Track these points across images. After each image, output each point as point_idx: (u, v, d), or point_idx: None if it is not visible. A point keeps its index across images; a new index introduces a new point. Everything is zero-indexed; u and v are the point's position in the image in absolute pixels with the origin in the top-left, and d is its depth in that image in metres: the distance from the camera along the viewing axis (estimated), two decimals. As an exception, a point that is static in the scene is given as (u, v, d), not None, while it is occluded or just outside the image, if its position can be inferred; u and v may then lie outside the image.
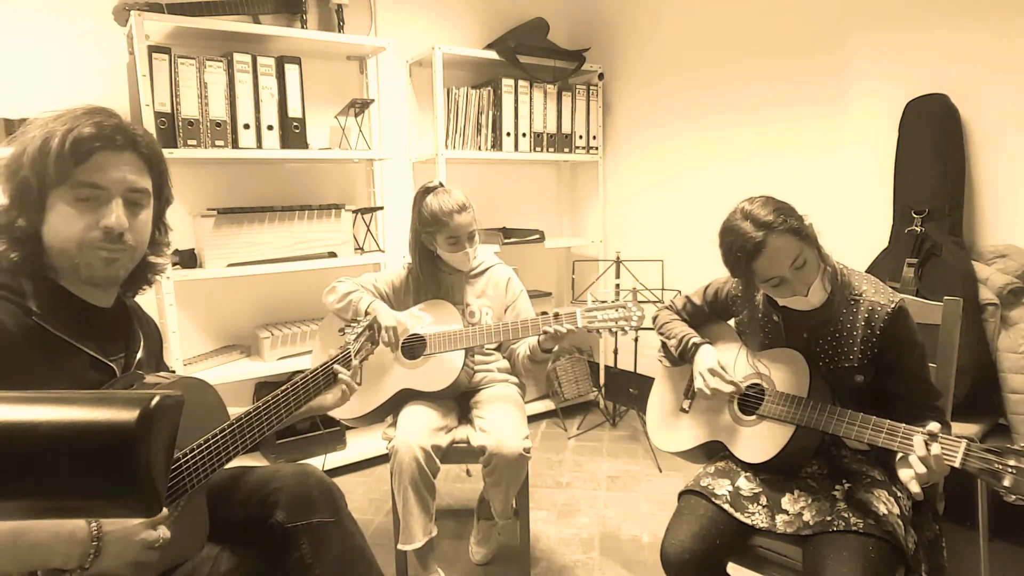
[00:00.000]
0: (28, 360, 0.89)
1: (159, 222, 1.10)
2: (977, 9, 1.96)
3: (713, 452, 1.48)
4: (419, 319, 1.83)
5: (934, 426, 1.11)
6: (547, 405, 3.20)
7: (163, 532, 0.89)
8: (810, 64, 2.41)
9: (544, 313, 1.67)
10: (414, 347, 1.81)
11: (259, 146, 2.38)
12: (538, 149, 3.11)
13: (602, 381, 3.39)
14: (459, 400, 1.89)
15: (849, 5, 2.27)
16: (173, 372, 1.28)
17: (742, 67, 2.66)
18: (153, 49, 2.15)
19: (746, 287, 1.39)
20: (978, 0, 1.96)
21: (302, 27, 2.56)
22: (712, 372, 1.42)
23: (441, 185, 1.85)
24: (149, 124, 2.14)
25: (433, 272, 1.90)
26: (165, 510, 0.91)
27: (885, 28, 2.18)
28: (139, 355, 1.09)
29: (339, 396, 1.35)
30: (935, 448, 1.08)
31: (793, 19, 2.46)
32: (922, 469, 1.08)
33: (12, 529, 0.77)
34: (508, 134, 3.00)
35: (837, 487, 1.29)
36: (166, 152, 2.13)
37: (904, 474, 1.12)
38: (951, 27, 2.02)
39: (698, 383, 1.45)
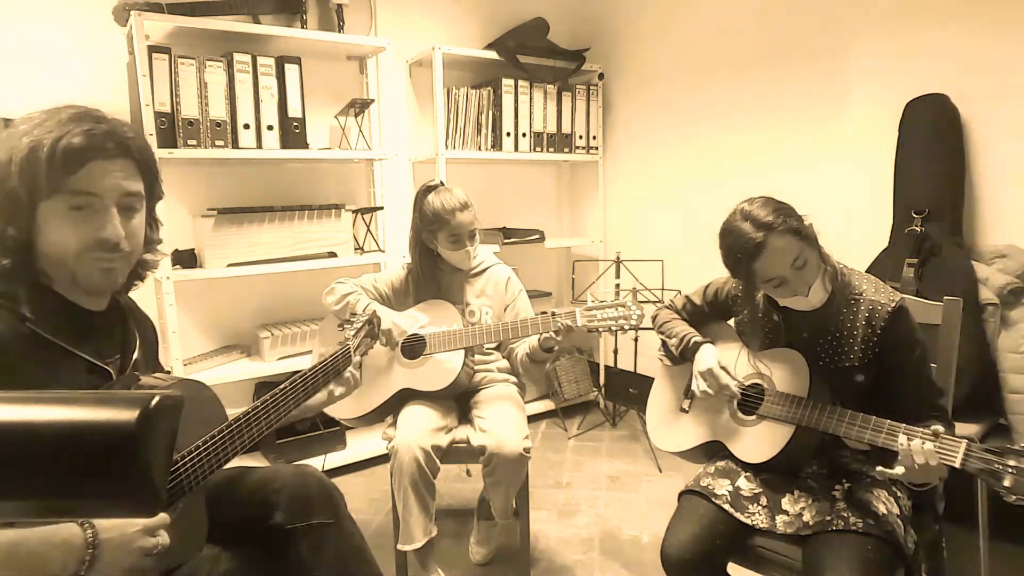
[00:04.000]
0: (23, 367, 0.88)
1: (150, 218, 1.07)
2: (977, 9, 1.96)
3: (713, 452, 1.48)
4: (418, 319, 1.83)
5: (937, 428, 1.10)
6: (547, 405, 3.20)
7: (163, 539, 0.88)
8: (810, 63, 2.41)
9: (544, 313, 1.67)
10: (414, 347, 1.81)
11: (259, 146, 2.38)
12: (538, 149, 3.11)
13: (602, 381, 3.39)
14: (459, 400, 1.89)
15: (849, 5, 2.27)
16: (169, 372, 1.28)
17: (742, 67, 2.66)
18: (153, 49, 2.15)
19: (746, 287, 1.38)
20: (978, 1, 1.96)
21: (302, 27, 2.56)
22: (709, 373, 1.42)
23: (442, 184, 1.85)
24: (149, 124, 2.13)
25: (433, 271, 1.90)
26: (165, 516, 0.90)
27: (885, 28, 2.18)
28: (135, 356, 1.07)
29: (326, 396, 1.33)
30: (915, 443, 1.09)
31: (793, 19, 2.46)
32: (911, 463, 1.08)
33: (8, 539, 0.77)
34: (508, 134, 3.00)
35: (837, 487, 1.29)
36: (166, 152, 2.17)
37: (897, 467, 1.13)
38: (951, 27, 2.02)
39: (695, 385, 1.45)
